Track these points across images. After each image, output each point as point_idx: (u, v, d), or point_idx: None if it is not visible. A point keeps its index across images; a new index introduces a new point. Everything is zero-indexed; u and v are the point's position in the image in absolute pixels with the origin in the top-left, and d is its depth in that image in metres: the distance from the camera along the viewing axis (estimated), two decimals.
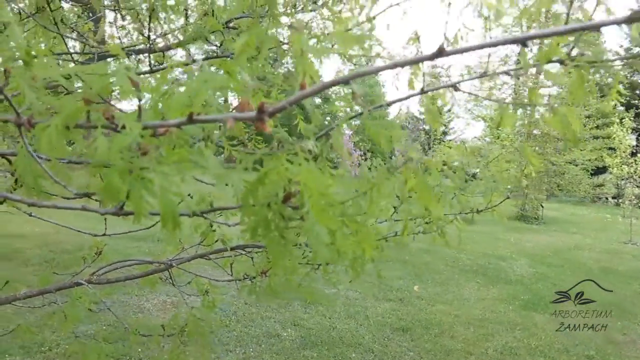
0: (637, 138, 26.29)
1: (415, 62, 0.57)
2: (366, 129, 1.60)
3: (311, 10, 2.22)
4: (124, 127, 0.46)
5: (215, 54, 1.84)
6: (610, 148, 18.91)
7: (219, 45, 1.74)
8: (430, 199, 0.72)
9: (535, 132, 20.32)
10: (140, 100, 0.48)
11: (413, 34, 1.46)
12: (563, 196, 27.34)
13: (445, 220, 1.78)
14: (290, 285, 1.46)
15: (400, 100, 1.04)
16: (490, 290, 7.08)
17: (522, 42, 0.59)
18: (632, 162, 15.12)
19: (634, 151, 15.56)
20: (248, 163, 0.65)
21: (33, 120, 0.51)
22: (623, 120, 15.78)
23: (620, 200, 15.90)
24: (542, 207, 16.62)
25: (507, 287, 7.33)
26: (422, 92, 0.91)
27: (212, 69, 0.68)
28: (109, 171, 0.45)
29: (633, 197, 14.84)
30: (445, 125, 43.42)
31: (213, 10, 1.85)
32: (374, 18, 1.66)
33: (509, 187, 11.48)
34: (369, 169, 0.93)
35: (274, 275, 1.46)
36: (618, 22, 0.62)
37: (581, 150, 25.82)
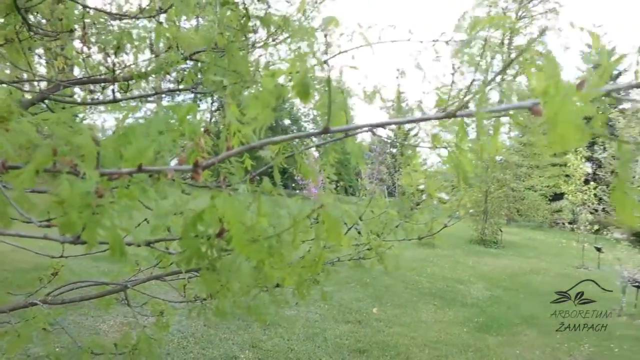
0: (592, 167, 27.65)
1: (308, 136, 0.70)
2: (329, 155, 1.76)
3: (272, 45, 2.36)
4: (84, 173, 0.57)
5: (177, 86, 1.95)
6: (567, 175, 19.71)
7: (180, 80, 1.86)
8: (340, 237, 0.84)
9: (498, 158, 21.03)
10: (99, 154, 0.60)
11: (374, 88, 1.62)
12: (522, 221, 28.24)
13: (385, 246, 1.92)
14: (239, 307, 1.55)
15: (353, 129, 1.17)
16: (446, 313, 7.28)
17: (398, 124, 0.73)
18: (585, 190, 15.85)
19: (588, 179, 16.33)
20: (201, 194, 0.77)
21: (7, 164, 0.62)
22: (577, 149, 16.53)
23: (575, 226, 16.57)
24: (501, 231, 17.13)
25: (463, 309, 7.54)
26: (379, 126, 1.05)
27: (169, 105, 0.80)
28: (69, 209, 0.56)
29: (587, 223, 15.53)
30: (411, 149, 44.30)
31: (177, 45, 1.98)
32: (325, 62, 1.81)
33: (471, 210, 11.83)
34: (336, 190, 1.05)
35: (222, 298, 1.55)
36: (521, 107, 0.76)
37: (540, 177, 26.87)
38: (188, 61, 1.95)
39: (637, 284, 7.76)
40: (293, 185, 25.51)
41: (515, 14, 32.10)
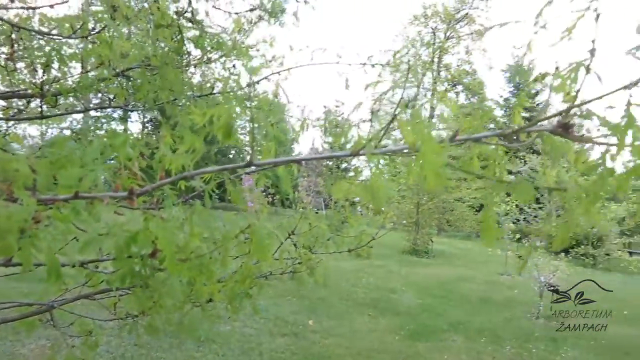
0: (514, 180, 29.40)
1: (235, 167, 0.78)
2: (260, 180, 1.82)
3: (210, 63, 2.41)
4: (21, 200, 0.60)
5: (108, 103, 1.95)
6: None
7: (112, 97, 1.86)
8: (266, 254, 0.91)
9: None
10: (35, 180, 0.63)
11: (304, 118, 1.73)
12: (452, 231, 29.53)
13: (315, 259, 2.00)
14: (170, 323, 1.57)
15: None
16: (380, 322, 7.49)
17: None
18: (508, 201, 16.88)
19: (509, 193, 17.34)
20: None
21: None
22: (500, 162, 17.45)
23: (500, 235, 17.47)
24: (432, 241, 17.81)
25: (396, 318, 7.79)
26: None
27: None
28: (6, 234, 0.59)
29: (510, 232, 16.54)
30: (347, 162, 45.26)
31: (109, 61, 1.97)
32: (257, 83, 1.90)
33: (403, 221, 12.17)
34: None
35: (154, 314, 1.57)
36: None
37: (467, 189, 28.27)
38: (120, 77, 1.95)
39: (552, 288, 8.36)
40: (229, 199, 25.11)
41: (444, 34, 33.90)
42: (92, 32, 1.72)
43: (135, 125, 28.62)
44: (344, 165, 43.64)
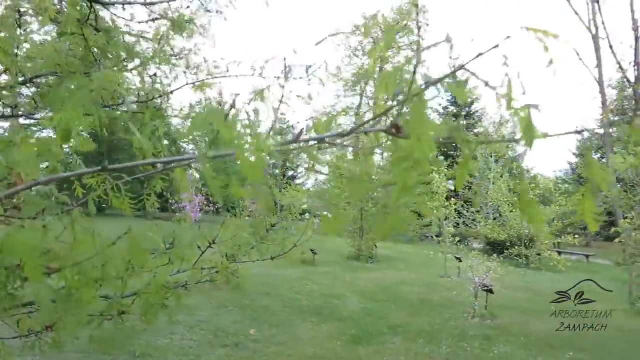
0: (454, 185, 30.57)
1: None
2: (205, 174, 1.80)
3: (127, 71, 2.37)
4: None
5: (13, 111, 1.87)
6: (434, 192, 21.41)
7: (14, 106, 1.79)
8: (145, 260, 0.91)
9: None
10: None
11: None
12: (396, 236, 30.17)
13: (231, 268, 2.01)
14: (77, 338, 1.52)
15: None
16: (322, 328, 7.53)
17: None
18: (448, 205, 17.49)
19: (449, 196, 17.99)
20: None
21: None
22: (439, 169, 18.13)
23: (440, 239, 18.04)
24: (376, 246, 18.11)
25: (338, 324, 7.86)
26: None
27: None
28: None
29: (450, 236, 17.14)
30: (293, 170, 45.44)
31: (17, 70, 1.90)
32: (171, 93, 1.90)
33: (350, 227, 12.29)
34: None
35: (61, 329, 1.52)
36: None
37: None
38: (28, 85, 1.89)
39: (486, 288, 8.72)
40: (172, 208, 24.61)
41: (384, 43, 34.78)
42: None
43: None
44: (290, 174, 43.75)
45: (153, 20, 2.32)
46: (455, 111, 39.89)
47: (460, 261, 13.53)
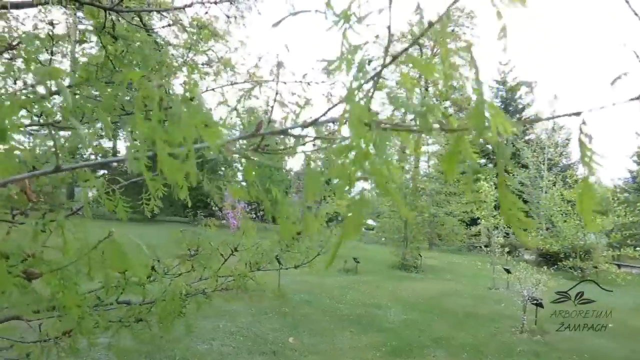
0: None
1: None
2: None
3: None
4: None
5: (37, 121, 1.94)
6: (483, 201, 20.82)
7: (39, 115, 1.84)
8: (127, 266, 0.88)
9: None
10: None
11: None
12: (443, 245, 29.48)
13: (249, 275, 1.98)
14: (94, 344, 1.53)
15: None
16: (362, 338, 7.40)
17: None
18: (496, 214, 16.90)
19: (499, 204, 17.40)
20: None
21: None
22: (487, 177, 17.59)
23: (489, 249, 17.49)
24: (421, 256, 17.74)
25: (379, 334, 7.71)
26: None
27: None
28: None
29: (499, 246, 16.54)
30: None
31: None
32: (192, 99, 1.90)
33: (395, 236, 12.13)
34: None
35: (76, 335, 1.53)
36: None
37: (458, 203, 28.30)
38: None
39: (535, 301, 8.32)
40: (218, 215, 25.12)
41: (430, 50, 34.24)
42: (8, 48, 1.71)
43: None
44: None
45: (169, 25, 2.36)
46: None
47: (509, 273, 13.02)
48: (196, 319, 7.42)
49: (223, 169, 29.76)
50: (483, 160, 37.00)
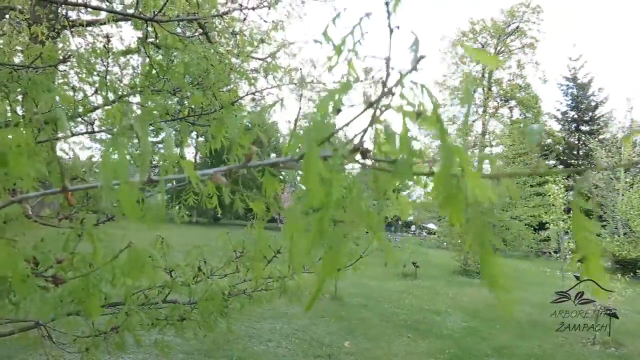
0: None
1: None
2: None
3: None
4: None
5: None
6: (552, 205, 19.83)
7: (92, 123, 1.97)
8: (142, 275, 0.91)
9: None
10: None
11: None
12: (508, 251, 28.33)
13: (288, 277, 1.98)
14: (139, 340, 1.60)
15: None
16: (419, 345, 7.25)
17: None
18: (567, 218, 16.00)
19: (569, 207, 16.48)
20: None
21: None
22: (556, 179, 16.75)
23: (558, 255, 16.60)
24: None
25: (437, 341, 7.52)
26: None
27: None
28: None
29: (570, 252, 15.63)
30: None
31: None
32: (237, 100, 1.95)
33: (457, 241, 11.85)
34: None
35: (123, 331, 1.61)
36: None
37: (524, 206, 27.11)
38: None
39: (609, 311, 7.80)
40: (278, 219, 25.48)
41: (494, 48, 33.09)
42: (61, 61, 1.83)
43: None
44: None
45: (205, 33, 2.43)
46: (575, 116, 36.66)
47: (580, 279, 12.28)
48: (255, 320, 7.59)
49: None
50: (552, 162, 35.26)
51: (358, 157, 0.62)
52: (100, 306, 0.87)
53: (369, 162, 0.62)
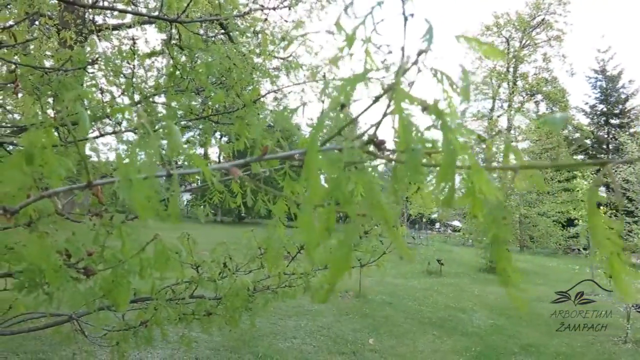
0: (606, 190, 27.26)
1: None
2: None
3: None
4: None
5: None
6: (581, 200, 19.42)
7: (119, 123, 2.02)
8: (167, 266, 0.93)
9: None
10: None
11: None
12: (536, 248, 27.81)
13: (312, 274, 2.00)
14: (166, 334, 1.64)
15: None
16: (445, 343, 7.20)
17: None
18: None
19: (600, 203, 16.06)
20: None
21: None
22: (585, 174, 16.38)
23: (587, 252, 16.25)
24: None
25: (463, 339, 7.45)
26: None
27: None
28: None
29: None
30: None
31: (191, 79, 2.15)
32: (258, 98, 1.98)
33: (482, 238, 11.73)
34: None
35: (152, 325, 1.65)
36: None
37: (552, 202, 26.54)
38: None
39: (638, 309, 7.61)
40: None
41: (519, 42, 32.46)
42: (90, 63, 1.89)
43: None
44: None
45: (227, 33, 2.47)
46: (604, 109, 35.69)
47: (611, 277, 12.00)
48: (280, 318, 7.66)
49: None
50: (581, 157, 34.38)
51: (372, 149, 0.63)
52: (129, 299, 0.91)
53: (383, 154, 0.63)
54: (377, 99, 0.58)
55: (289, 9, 2.95)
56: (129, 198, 0.61)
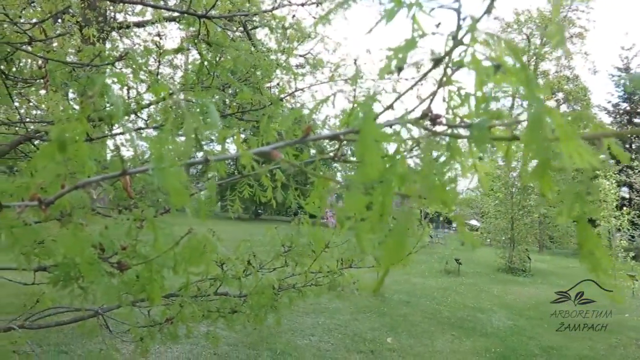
0: (629, 191, 26.70)
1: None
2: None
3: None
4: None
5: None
6: (603, 201, 19.03)
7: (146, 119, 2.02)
8: (203, 261, 0.91)
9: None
10: None
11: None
12: (556, 248, 27.38)
13: (338, 272, 1.97)
14: (190, 331, 1.63)
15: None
16: (463, 343, 7.11)
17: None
18: (619, 215, 15.31)
19: (623, 204, 15.73)
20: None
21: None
22: (607, 174, 16.07)
23: (610, 253, 15.92)
24: (530, 259, 16.62)
25: (482, 339, 7.36)
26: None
27: None
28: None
29: (622, 250, 14.95)
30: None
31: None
32: (282, 99, 1.96)
33: (501, 237, 11.67)
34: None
35: (177, 322, 1.64)
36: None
37: None
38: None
39: None
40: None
41: (540, 39, 31.92)
42: (117, 59, 1.89)
43: None
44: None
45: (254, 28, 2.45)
46: (627, 108, 34.93)
47: (636, 280, 11.77)
48: (298, 315, 7.65)
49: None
50: (602, 155, 33.63)
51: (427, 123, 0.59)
52: (161, 294, 0.89)
53: (440, 128, 0.58)
54: (436, 63, 0.54)
55: (317, 5, 2.92)
56: (162, 184, 0.58)
